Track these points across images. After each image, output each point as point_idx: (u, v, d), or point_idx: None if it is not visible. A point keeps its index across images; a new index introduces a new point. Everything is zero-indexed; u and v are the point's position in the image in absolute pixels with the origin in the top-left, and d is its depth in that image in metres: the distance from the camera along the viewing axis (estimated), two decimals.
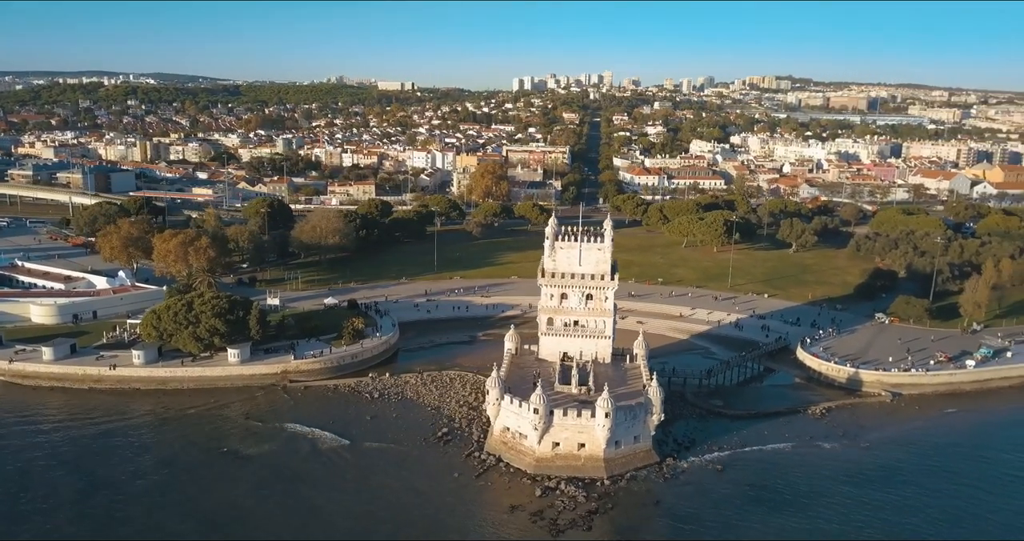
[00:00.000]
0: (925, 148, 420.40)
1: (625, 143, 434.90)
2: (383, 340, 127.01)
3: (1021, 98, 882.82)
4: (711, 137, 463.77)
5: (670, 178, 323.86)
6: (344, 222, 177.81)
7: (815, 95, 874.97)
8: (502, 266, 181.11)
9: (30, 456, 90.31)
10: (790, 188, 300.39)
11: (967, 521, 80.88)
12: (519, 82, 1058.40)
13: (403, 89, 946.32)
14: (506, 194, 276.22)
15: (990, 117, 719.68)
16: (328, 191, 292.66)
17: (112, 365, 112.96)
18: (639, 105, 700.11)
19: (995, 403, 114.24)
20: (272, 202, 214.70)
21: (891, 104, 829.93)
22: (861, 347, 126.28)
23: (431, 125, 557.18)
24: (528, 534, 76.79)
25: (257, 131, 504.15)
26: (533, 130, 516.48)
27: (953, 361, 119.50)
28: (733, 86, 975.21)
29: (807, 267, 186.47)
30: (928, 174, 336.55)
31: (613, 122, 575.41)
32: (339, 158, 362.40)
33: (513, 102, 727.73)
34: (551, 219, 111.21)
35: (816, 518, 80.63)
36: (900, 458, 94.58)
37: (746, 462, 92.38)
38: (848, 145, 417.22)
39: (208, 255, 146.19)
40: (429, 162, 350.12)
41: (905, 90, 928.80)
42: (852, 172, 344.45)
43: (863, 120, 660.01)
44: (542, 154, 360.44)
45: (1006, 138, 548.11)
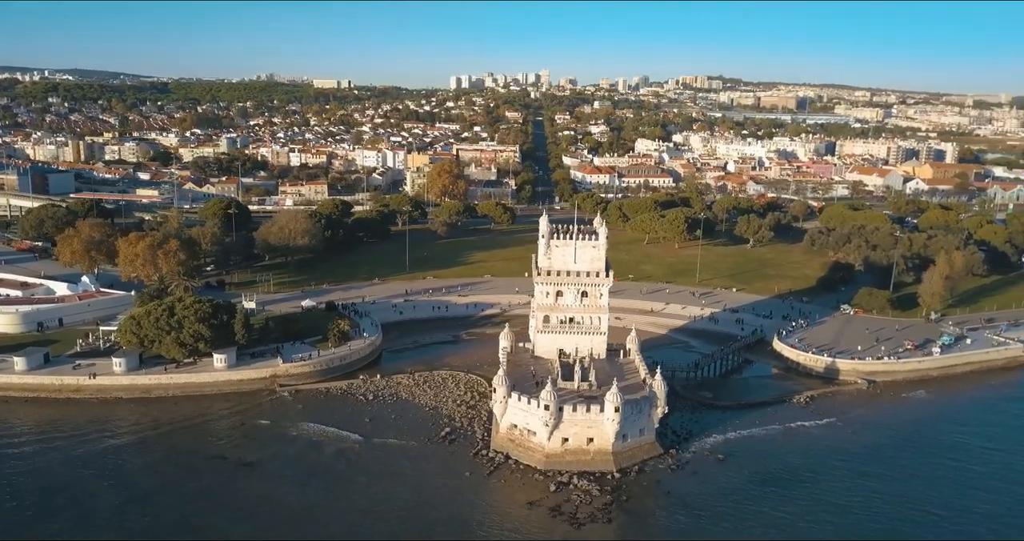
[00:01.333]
0: (857, 146, 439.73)
1: (572, 142, 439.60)
2: (369, 341, 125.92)
3: (935, 99, 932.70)
4: (653, 136, 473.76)
5: (621, 176, 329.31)
6: (312, 223, 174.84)
7: (746, 95, 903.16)
8: (473, 265, 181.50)
9: (9, 473, 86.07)
10: (738, 185, 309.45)
11: (943, 484, 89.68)
12: (456, 80, 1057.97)
13: (339, 87, 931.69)
14: (463, 193, 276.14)
15: (910, 116, 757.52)
16: (280, 191, 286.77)
17: (92, 374, 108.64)
18: (579, 104, 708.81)
19: (960, 387, 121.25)
20: (230, 203, 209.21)
21: (818, 103, 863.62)
22: (833, 337, 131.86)
23: (374, 124, 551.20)
24: (551, 529, 77.85)
25: (193, 130, 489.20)
26: (478, 129, 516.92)
27: (920, 349, 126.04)
28: (667, 85, 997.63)
29: (766, 262, 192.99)
30: (864, 171, 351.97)
31: (556, 121, 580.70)
32: (286, 157, 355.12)
33: (454, 100, 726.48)
34: (543, 218, 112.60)
35: (818, 499, 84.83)
36: (882, 438, 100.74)
37: (744, 450, 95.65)
38: (785, 143, 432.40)
39: (178, 258, 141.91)
40: (380, 161, 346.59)
41: (830, 90, 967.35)
42: (793, 169, 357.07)
43: (794, 119, 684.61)
44: (493, 153, 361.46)
45: (926, 136, 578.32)
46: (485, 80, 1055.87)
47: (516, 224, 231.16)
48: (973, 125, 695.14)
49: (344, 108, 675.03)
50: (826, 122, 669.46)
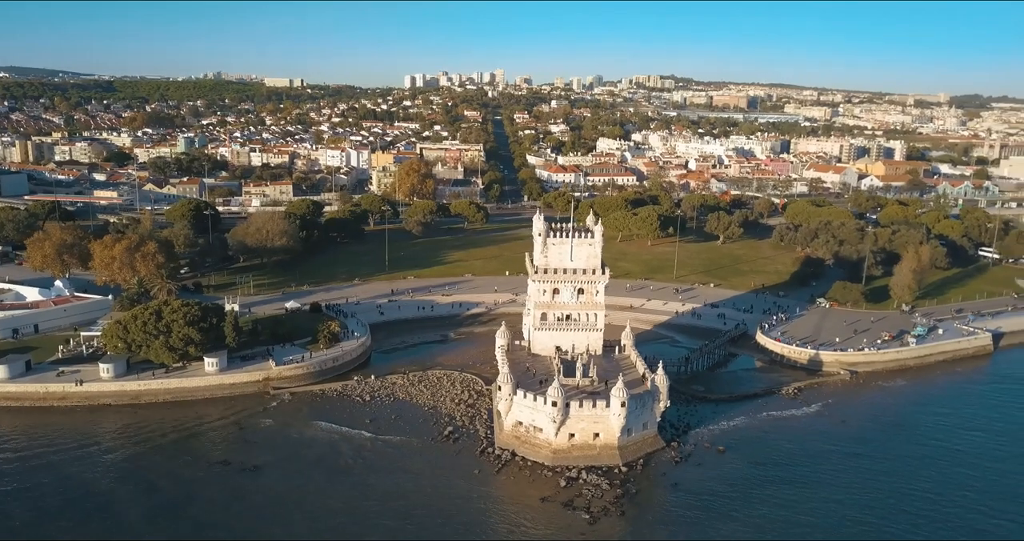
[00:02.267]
0: (811, 144, 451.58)
1: (535, 141, 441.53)
2: (360, 342, 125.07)
3: (879, 98, 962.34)
4: (613, 135, 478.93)
5: (586, 175, 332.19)
6: (289, 223, 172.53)
7: (698, 94, 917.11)
8: (452, 265, 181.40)
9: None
10: (701, 183, 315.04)
11: (928, 462, 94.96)
12: (411, 79, 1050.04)
13: (292, 86, 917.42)
14: (432, 192, 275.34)
15: (856, 115, 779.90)
16: (244, 192, 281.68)
17: (78, 381, 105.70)
18: (537, 103, 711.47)
19: (935, 375, 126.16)
20: (199, 204, 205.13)
21: (768, 103, 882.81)
22: (813, 330, 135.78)
23: (332, 123, 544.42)
24: (568, 523, 78.81)
25: (145, 129, 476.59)
26: (438, 127, 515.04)
27: (896, 340, 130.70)
28: (621, 85, 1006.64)
29: (738, 257, 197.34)
30: (820, 168, 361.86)
31: (516, 120, 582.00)
32: (247, 157, 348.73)
33: (411, 99, 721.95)
34: (536, 217, 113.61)
35: (818, 480, 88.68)
36: (869, 424, 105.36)
37: (742, 441, 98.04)
38: (742, 142, 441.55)
39: (157, 261, 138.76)
40: (344, 161, 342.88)
41: (779, 90, 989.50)
42: (752, 167, 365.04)
43: (746, 118, 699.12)
44: (458, 152, 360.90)
45: (872, 134, 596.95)
46: (440, 79, 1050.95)
47: (489, 223, 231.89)
48: (915, 124, 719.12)
49: (299, 107, 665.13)
50: (777, 121, 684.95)
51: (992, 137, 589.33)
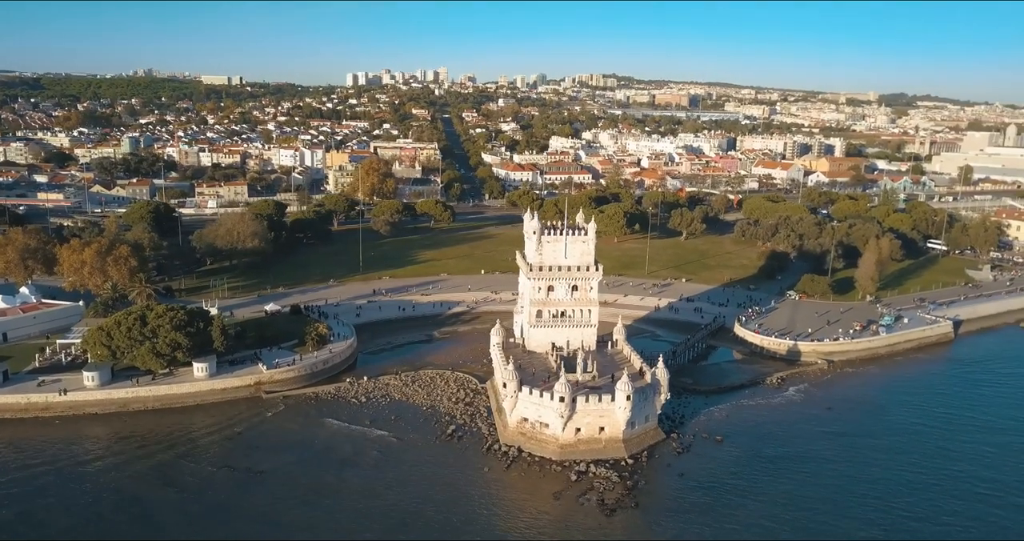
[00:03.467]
0: (756, 142, 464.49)
1: (488, 139, 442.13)
2: (348, 344, 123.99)
3: (813, 96, 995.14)
4: (563, 133, 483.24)
5: (543, 173, 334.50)
6: (260, 225, 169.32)
7: (641, 92, 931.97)
8: (426, 264, 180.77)
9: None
10: (657, 181, 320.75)
11: (909, 436, 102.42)
12: (353, 77, 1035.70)
13: (231, 84, 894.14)
14: (393, 192, 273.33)
15: (793, 113, 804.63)
16: (197, 193, 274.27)
17: (62, 390, 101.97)
18: (485, 101, 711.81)
19: (904, 361, 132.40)
20: (158, 206, 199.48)
21: (708, 101, 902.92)
22: (787, 322, 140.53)
23: (278, 122, 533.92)
24: (585, 517, 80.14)
25: (81, 129, 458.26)
26: (388, 126, 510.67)
27: (865, 329, 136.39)
28: (565, 83, 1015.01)
29: (703, 252, 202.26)
30: (768, 165, 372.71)
31: (465, 119, 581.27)
32: (196, 157, 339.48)
33: (357, 98, 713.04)
34: (526, 215, 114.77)
35: (816, 471, 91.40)
36: (852, 408, 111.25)
37: (738, 430, 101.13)
38: (691, 139, 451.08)
39: (130, 265, 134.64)
40: (298, 160, 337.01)
41: (718, 88, 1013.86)
42: (702, 164, 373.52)
43: (688, 116, 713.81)
44: (414, 151, 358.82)
45: (810, 132, 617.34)
46: (383, 77, 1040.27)
47: (455, 222, 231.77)
48: (849, 121, 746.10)
49: (241, 106, 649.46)
50: (720, 119, 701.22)
51: (921, 134, 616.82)
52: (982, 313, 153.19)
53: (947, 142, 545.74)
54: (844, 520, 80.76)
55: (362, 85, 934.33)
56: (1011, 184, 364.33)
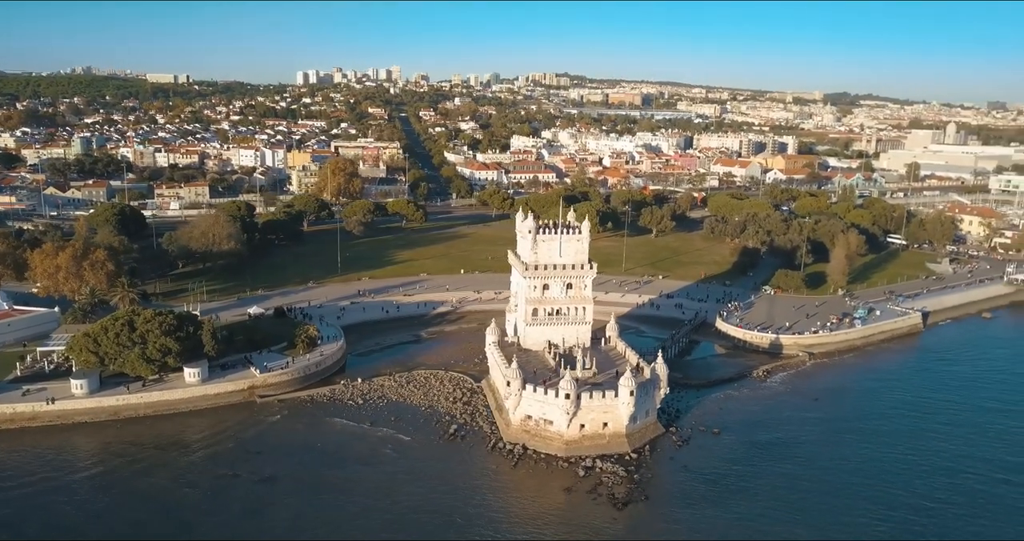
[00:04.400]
0: (712, 140, 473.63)
1: (449, 138, 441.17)
2: (339, 346, 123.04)
3: (761, 96, 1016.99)
4: (523, 132, 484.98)
5: (508, 172, 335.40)
6: (235, 227, 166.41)
7: (594, 92, 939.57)
8: (404, 265, 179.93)
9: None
10: (622, 180, 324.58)
11: (892, 416, 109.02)
12: (304, 76, 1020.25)
13: (177, 82, 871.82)
14: (359, 191, 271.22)
15: (743, 112, 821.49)
16: (156, 194, 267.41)
17: (49, 399, 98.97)
18: (441, 100, 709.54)
19: (879, 351, 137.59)
20: (123, 208, 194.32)
21: (661, 100, 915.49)
22: (766, 316, 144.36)
23: (231, 121, 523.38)
24: (598, 511, 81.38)
25: (23, 128, 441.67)
26: (345, 125, 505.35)
27: (841, 322, 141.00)
28: (519, 82, 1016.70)
29: (675, 250, 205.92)
30: (726, 163, 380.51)
31: (422, 118, 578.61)
32: (152, 158, 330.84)
33: (311, 96, 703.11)
34: (519, 215, 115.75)
35: (811, 455, 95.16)
36: (836, 396, 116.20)
37: (733, 422, 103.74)
38: (649, 138, 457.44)
39: (107, 269, 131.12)
40: (258, 160, 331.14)
41: (669, 87, 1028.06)
42: (662, 163, 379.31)
43: (642, 115, 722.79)
44: (377, 150, 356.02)
45: (760, 130, 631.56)
46: (334, 76, 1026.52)
47: (427, 221, 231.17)
48: (797, 120, 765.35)
49: (191, 104, 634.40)
50: (673, 117, 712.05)
51: (866, 132, 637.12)
52: (947, 304, 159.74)
53: (891, 140, 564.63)
54: (842, 498, 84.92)
55: (313, 83, 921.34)
56: (955, 180, 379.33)
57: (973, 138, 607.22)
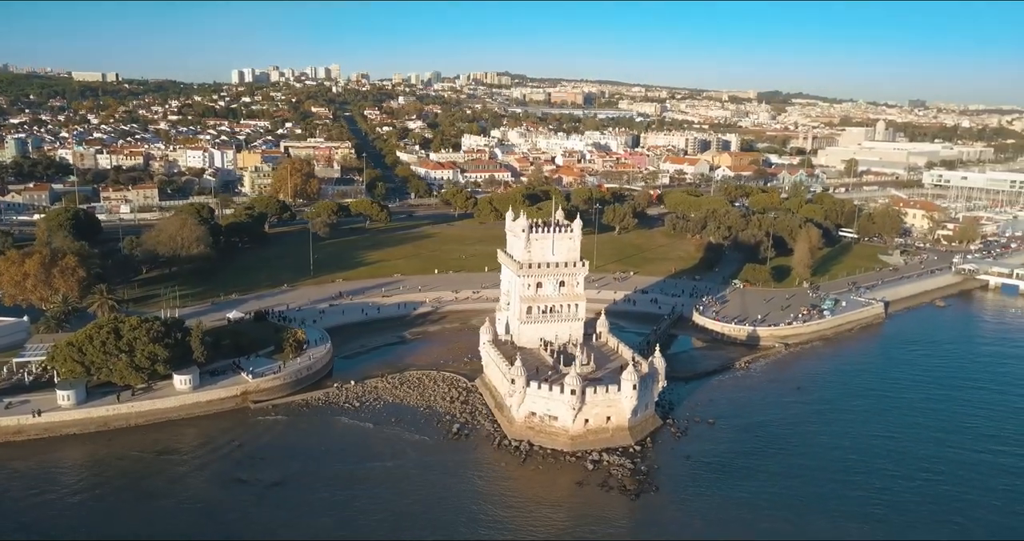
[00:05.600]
0: (659, 138, 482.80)
1: (399, 137, 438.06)
2: (326, 348, 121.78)
3: (698, 94, 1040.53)
4: (472, 131, 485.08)
5: (463, 171, 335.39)
6: (204, 230, 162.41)
7: (536, 90, 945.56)
8: (376, 266, 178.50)
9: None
10: (578, 178, 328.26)
11: (870, 396, 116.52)
12: (239, 74, 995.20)
13: (106, 81, 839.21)
14: (317, 192, 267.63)
15: (682, 110, 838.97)
16: (103, 198, 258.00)
17: (36, 411, 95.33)
18: (385, 99, 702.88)
19: (848, 340, 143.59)
20: (78, 212, 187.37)
21: (602, 99, 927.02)
22: (740, 309, 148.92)
23: (170, 121, 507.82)
24: (613, 503, 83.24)
25: None
26: (290, 125, 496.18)
27: (812, 313, 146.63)
28: (460, 81, 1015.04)
29: (639, 246, 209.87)
30: (675, 161, 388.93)
31: (368, 117, 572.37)
32: (93, 160, 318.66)
33: (251, 95, 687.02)
34: (509, 214, 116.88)
35: (804, 439, 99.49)
36: (816, 382, 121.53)
37: (724, 412, 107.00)
38: (597, 137, 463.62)
39: (78, 276, 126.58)
40: (207, 161, 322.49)
41: (609, 87, 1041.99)
42: (613, 161, 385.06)
43: (585, 114, 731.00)
44: (328, 150, 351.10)
45: (700, 128, 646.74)
46: (271, 74, 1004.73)
47: (391, 221, 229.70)
48: (735, 118, 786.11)
49: (124, 104, 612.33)
50: (616, 116, 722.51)
51: (800, 129, 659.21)
52: (904, 294, 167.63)
53: (826, 137, 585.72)
54: (840, 476, 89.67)
55: (250, 82, 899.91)
56: (891, 176, 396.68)
57: (900, 135, 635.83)
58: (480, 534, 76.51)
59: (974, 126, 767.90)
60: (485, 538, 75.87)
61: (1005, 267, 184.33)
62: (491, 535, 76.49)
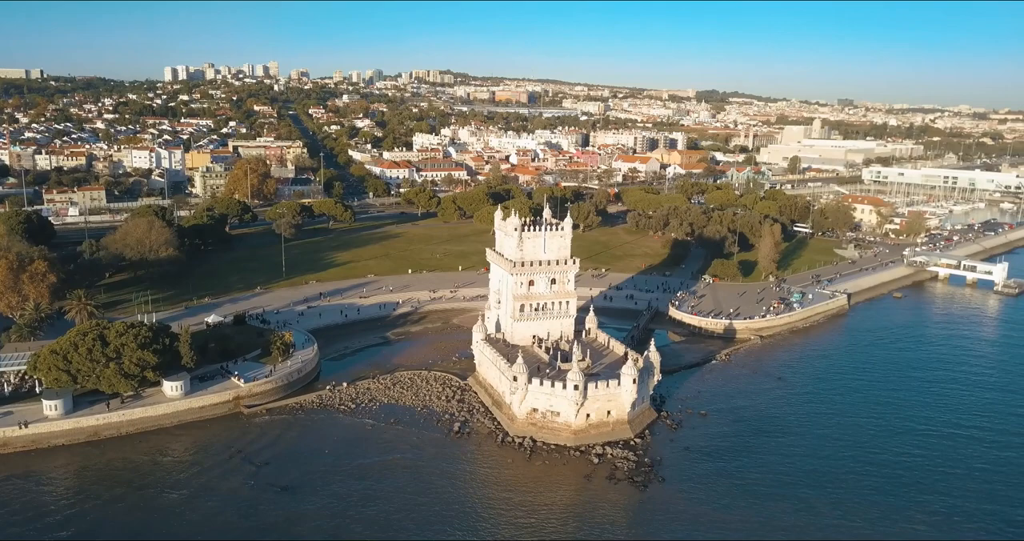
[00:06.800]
0: (608, 137, 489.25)
1: (350, 136, 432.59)
2: (313, 351, 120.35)
3: (639, 93, 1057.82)
4: (421, 130, 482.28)
5: (418, 170, 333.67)
6: (172, 233, 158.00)
7: (480, 89, 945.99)
8: (347, 266, 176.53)
9: None
10: (535, 177, 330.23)
11: (843, 378, 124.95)
12: (172, 71, 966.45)
13: (30, 78, 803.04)
14: (274, 193, 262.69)
15: (625, 109, 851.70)
16: (46, 200, 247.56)
17: (22, 422, 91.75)
18: (328, 98, 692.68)
19: (817, 330, 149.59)
20: (29, 215, 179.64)
21: (546, 98, 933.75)
22: (714, 303, 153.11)
23: (105, 120, 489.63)
24: (623, 495, 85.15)
25: None
26: (235, 124, 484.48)
27: (783, 306, 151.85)
28: (402, 79, 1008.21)
29: (604, 244, 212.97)
30: (627, 159, 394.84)
31: (313, 115, 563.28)
32: (32, 160, 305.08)
33: (187, 93, 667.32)
34: (498, 213, 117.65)
35: (794, 426, 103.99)
36: (795, 371, 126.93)
37: (714, 404, 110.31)
38: (548, 136, 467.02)
39: (48, 281, 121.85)
40: (153, 162, 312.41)
41: (552, 85, 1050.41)
42: (566, 160, 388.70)
43: (530, 113, 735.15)
44: (280, 150, 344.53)
45: (644, 127, 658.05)
46: (206, 71, 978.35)
47: (355, 221, 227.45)
48: (676, 116, 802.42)
49: (54, 102, 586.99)
50: (561, 115, 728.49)
51: (739, 127, 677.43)
52: (864, 286, 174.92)
53: (767, 135, 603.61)
54: (833, 460, 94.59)
55: (184, 80, 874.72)
56: (831, 172, 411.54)
57: (835, 133, 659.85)
58: (505, 530, 77.24)
59: (901, 124, 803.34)
60: (506, 538, 76.57)
61: (952, 259, 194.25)
62: (516, 532, 77.29)
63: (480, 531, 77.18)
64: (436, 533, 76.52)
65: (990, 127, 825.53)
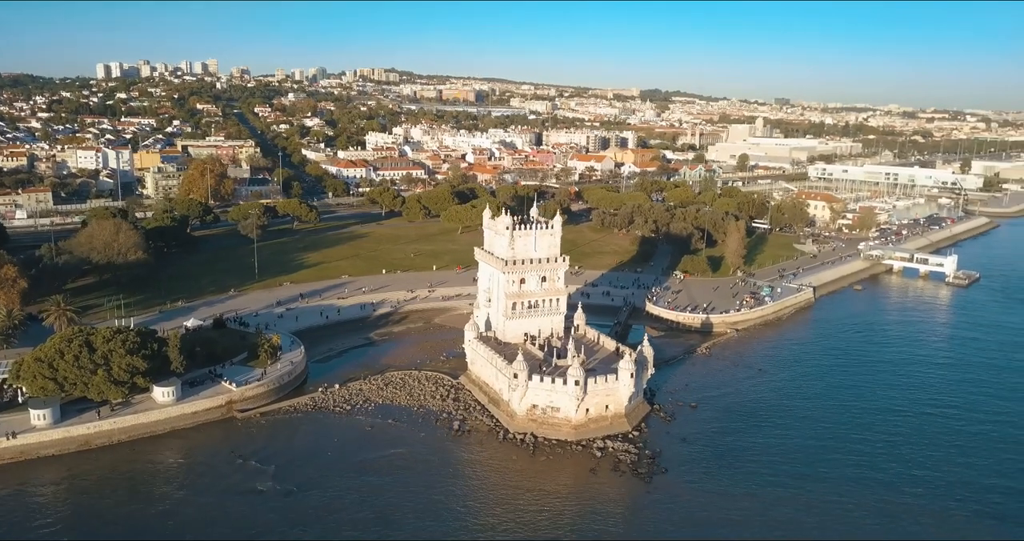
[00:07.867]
0: (561, 136, 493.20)
1: (302, 135, 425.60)
2: (300, 353, 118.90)
3: (584, 92, 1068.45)
4: (370, 128, 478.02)
5: (376, 170, 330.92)
6: (140, 236, 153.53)
7: (427, 88, 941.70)
8: (319, 267, 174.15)
9: None
10: (494, 176, 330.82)
11: (821, 364, 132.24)
12: (105, 68, 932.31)
13: None
14: (231, 193, 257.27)
15: (572, 108, 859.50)
16: None
17: (9, 433, 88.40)
18: (274, 96, 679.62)
19: (787, 323, 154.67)
20: None
21: (493, 97, 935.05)
22: (689, 298, 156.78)
23: (40, 118, 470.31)
24: (629, 488, 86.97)
25: None
26: (179, 123, 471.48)
27: (755, 300, 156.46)
28: (346, 77, 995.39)
29: (573, 242, 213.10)
30: (581, 158, 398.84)
31: (259, 114, 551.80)
32: None
33: (125, 91, 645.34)
34: (485, 213, 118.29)
35: (783, 414, 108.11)
36: (773, 363, 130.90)
37: (703, 396, 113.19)
38: (502, 134, 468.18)
39: (19, 287, 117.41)
40: (100, 162, 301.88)
41: (498, 84, 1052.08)
42: (522, 159, 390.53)
43: (479, 112, 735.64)
44: (232, 149, 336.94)
45: (592, 125, 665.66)
46: (142, 69, 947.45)
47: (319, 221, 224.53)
48: (622, 115, 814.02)
49: None
50: (509, 114, 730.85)
51: (684, 126, 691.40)
52: (826, 280, 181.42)
53: (712, 133, 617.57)
54: (825, 445, 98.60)
55: (118, 77, 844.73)
56: (778, 169, 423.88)
57: (777, 131, 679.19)
58: (518, 527, 78.11)
59: (837, 123, 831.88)
60: (524, 537, 77.48)
61: (905, 252, 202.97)
62: (534, 528, 78.24)
63: (492, 525, 77.90)
64: (454, 531, 76.89)
65: (919, 126, 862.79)
